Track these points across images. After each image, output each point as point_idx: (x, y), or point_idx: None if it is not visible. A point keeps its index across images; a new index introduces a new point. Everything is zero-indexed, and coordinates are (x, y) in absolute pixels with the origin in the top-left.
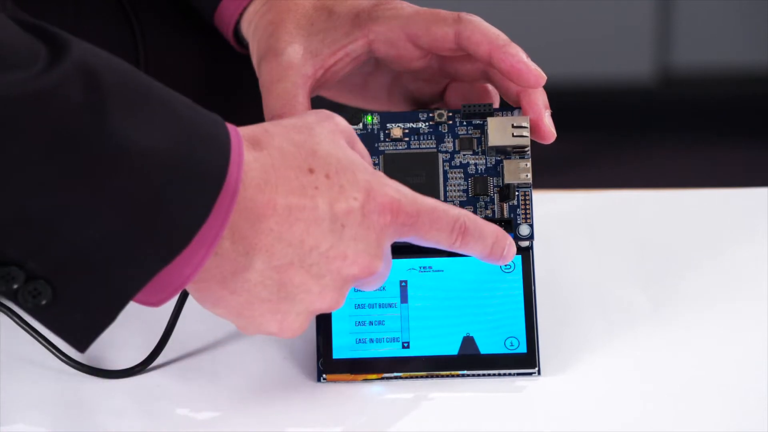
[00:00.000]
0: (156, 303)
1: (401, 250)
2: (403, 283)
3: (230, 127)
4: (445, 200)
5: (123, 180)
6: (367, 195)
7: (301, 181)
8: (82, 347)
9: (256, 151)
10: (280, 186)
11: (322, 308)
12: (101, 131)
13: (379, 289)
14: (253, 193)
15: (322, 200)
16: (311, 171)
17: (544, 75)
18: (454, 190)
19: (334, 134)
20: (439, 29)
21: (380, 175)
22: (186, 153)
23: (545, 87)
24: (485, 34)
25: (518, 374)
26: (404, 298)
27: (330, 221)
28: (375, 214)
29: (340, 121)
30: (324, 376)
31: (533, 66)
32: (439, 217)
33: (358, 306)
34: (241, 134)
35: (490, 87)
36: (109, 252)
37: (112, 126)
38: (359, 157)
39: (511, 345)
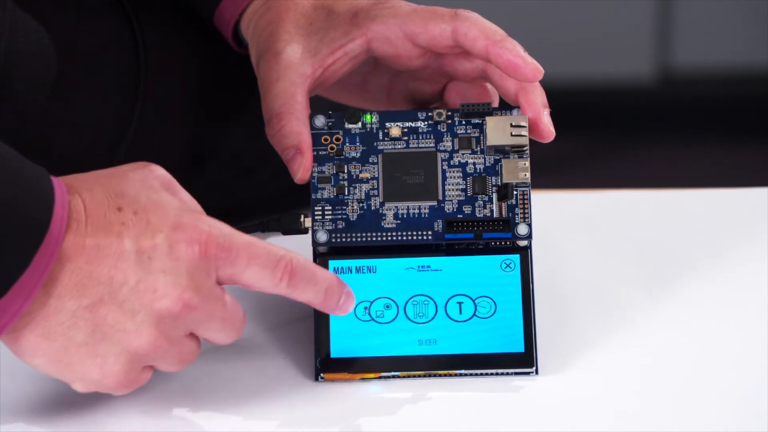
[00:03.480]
0: None
1: (400, 250)
2: (401, 283)
3: (54, 178)
4: (444, 199)
5: None
6: (174, 228)
7: (109, 219)
8: None
9: (69, 196)
10: (90, 226)
11: (142, 348)
12: None
13: (380, 289)
14: (65, 236)
15: (128, 236)
16: (119, 209)
17: (542, 69)
18: (453, 190)
19: (148, 179)
20: (436, 26)
21: (197, 215)
22: (8, 201)
23: (545, 86)
24: (482, 29)
25: (516, 374)
26: (402, 297)
27: (136, 255)
28: (182, 245)
29: (158, 169)
30: (322, 375)
31: (530, 60)
32: (257, 254)
33: (356, 305)
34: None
35: (489, 86)
36: None
37: None
38: (176, 200)
39: (509, 344)
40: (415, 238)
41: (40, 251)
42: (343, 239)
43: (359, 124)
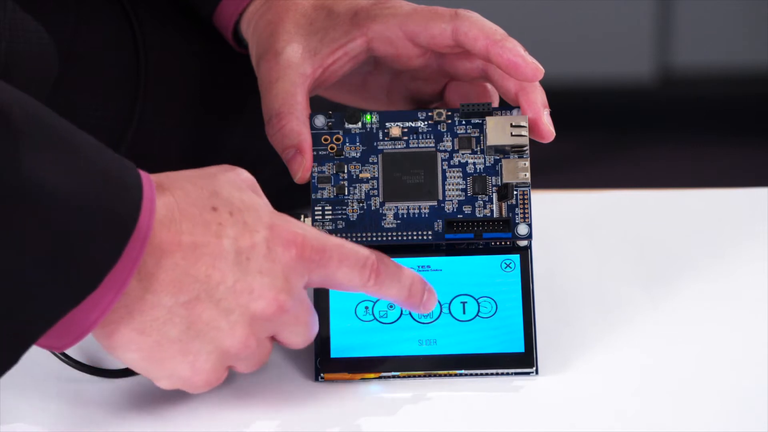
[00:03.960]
0: (60, 347)
1: (400, 250)
2: None
3: (142, 172)
4: (444, 199)
5: (27, 219)
6: (271, 230)
7: (205, 218)
8: None
9: (159, 193)
10: (184, 223)
11: (233, 347)
12: (8, 168)
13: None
14: (158, 232)
15: (226, 235)
16: (214, 209)
17: (542, 68)
18: (453, 190)
19: (236, 181)
20: (436, 26)
21: (285, 216)
22: (96, 195)
23: (545, 86)
24: (482, 29)
25: (516, 374)
26: None
27: (235, 255)
28: (280, 248)
29: (243, 171)
30: (322, 375)
31: (530, 59)
32: (347, 255)
33: (357, 305)
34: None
35: (489, 86)
36: (9, 294)
37: (20, 164)
38: (264, 202)
39: (510, 344)
40: (415, 238)
41: (130, 244)
42: (343, 239)
43: (359, 124)
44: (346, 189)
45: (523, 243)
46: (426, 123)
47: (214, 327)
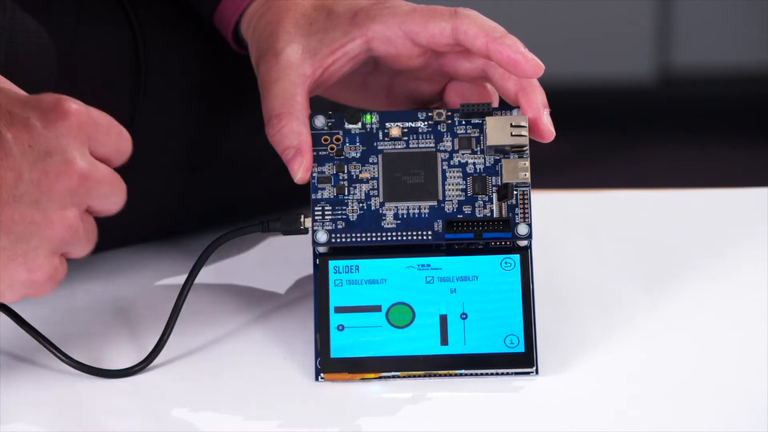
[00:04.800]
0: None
1: (400, 250)
2: (401, 282)
3: None
4: (444, 199)
5: None
6: (38, 108)
7: None
8: None
9: None
10: None
11: (57, 233)
12: None
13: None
14: None
15: (3, 134)
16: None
17: (542, 65)
18: (453, 190)
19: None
20: (435, 24)
21: (45, 95)
22: None
23: (545, 86)
24: (482, 27)
25: (516, 373)
26: (402, 297)
27: (18, 148)
28: (59, 122)
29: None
30: (322, 375)
31: (530, 56)
32: (111, 121)
33: (357, 305)
34: None
35: (489, 86)
36: None
37: None
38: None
39: (510, 344)
40: (415, 238)
41: None
42: (343, 239)
43: (359, 124)
44: (346, 189)
45: (523, 243)
46: (426, 123)
47: (29, 223)
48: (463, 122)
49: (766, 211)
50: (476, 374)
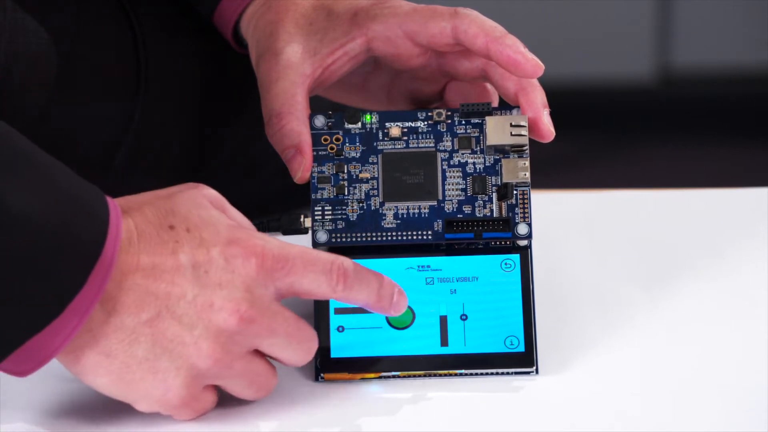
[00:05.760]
0: (21, 373)
1: (400, 250)
2: (402, 283)
3: (108, 198)
4: (444, 199)
5: None
6: (229, 243)
7: (162, 237)
8: None
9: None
10: (142, 244)
11: (202, 362)
12: None
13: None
14: (119, 255)
15: (182, 251)
16: (171, 227)
17: (542, 65)
18: (453, 189)
19: (196, 198)
20: (436, 24)
21: (250, 231)
22: (63, 222)
23: (545, 86)
24: (482, 26)
25: (516, 373)
26: None
27: (193, 270)
28: (239, 259)
29: (206, 188)
30: (322, 375)
31: (530, 56)
32: (311, 261)
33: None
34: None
35: (489, 86)
36: None
37: None
38: (225, 218)
39: (510, 344)
40: (415, 237)
41: (95, 271)
42: (343, 239)
43: (359, 124)
44: (346, 189)
45: (523, 243)
46: (426, 123)
47: (179, 343)
48: (463, 122)
49: (766, 211)
50: (476, 374)
